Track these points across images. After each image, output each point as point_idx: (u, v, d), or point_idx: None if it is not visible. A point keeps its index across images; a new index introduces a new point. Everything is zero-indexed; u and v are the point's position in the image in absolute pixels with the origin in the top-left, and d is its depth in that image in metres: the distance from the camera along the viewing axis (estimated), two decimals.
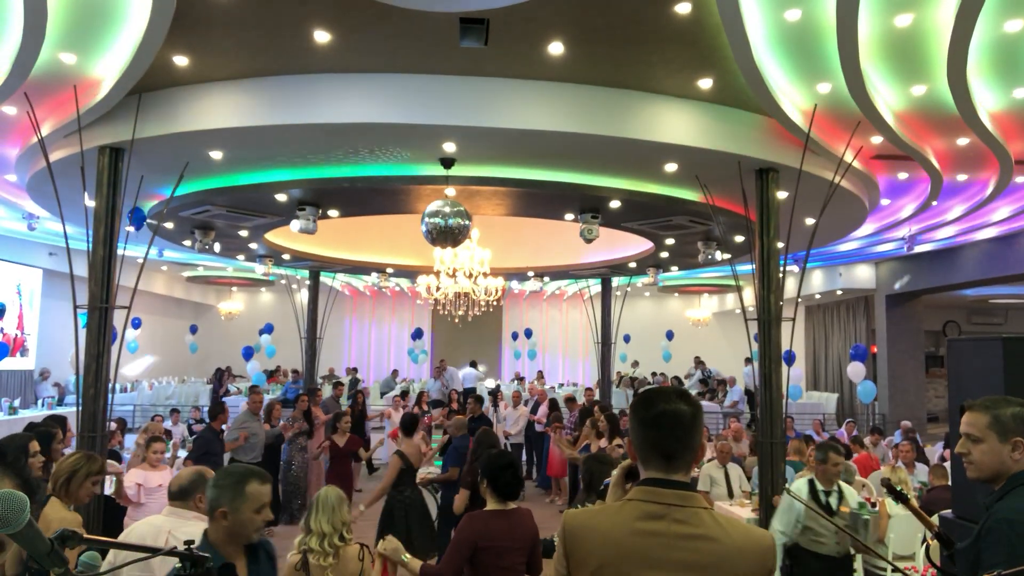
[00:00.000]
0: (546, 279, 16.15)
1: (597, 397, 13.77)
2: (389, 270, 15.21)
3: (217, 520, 2.33)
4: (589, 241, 8.81)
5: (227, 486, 2.35)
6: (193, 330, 20.19)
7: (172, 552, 1.71)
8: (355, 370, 19.69)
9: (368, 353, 23.28)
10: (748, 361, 18.31)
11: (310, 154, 7.19)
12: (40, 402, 13.51)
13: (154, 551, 1.67)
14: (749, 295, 8.29)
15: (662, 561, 1.65)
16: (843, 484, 4.95)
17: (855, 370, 12.88)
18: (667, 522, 1.67)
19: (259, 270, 13.90)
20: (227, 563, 2.27)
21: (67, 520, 3.31)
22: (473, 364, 18.43)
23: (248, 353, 16.61)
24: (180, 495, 3.17)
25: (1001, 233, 12.28)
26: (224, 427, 7.77)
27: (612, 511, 1.75)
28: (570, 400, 11.46)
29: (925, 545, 5.96)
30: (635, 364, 20.94)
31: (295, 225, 8.52)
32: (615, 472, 1.98)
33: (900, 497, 2.86)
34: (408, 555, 3.33)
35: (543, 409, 11.67)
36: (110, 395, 6.51)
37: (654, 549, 1.65)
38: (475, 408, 9.57)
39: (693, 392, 17.65)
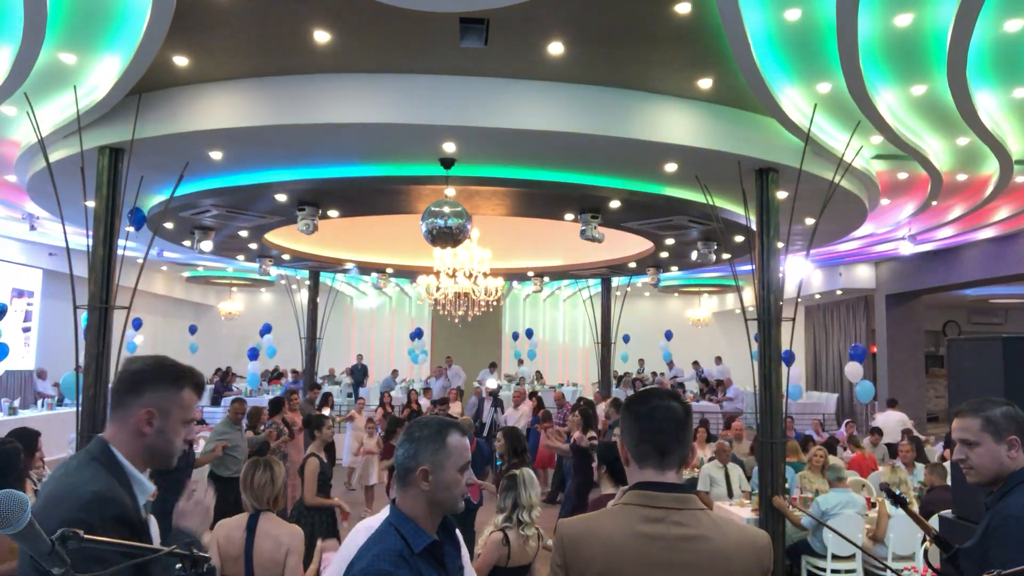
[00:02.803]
0: (546, 279, 16.15)
1: (593, 397, 13.81)
2: (389, 270, 15.20)
3: (415, 484, 1.88)
4: (599, 240, 8.78)
5: (426, 438, 1.91)
6: (192, 330, 20.19)
7: (172, 552, 1.71)
8: (360, 357, 19.39)
9: (368, 353, 23.27)
10: (698, 362, 18.91)
11: (310, 154, 7.19)
12: (40, 402, 13.50)
13: (155, 550, 1.67)
14: (749, 295, 8.29)
15: (664, 564, 1.66)
16: None
17: (853, 370, 12.88)
18: (666, 525, 1.69)
19: (273, 272, 13.90)
20: (435, 540, 1.89)
21: (297, 533, 3.36)
22: (492, 366, 18.59)
23: (253, 354, 16.61)
24: None
25: (1001, 233, 12.28)
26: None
27: (609, 517, 1.76)
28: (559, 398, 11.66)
29: (924, 548, 5.96)
30: (641, 362, 20.97)
31: (308, 226, 8.50)
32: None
33: (899, 501, 2.87)
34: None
35: (524, 407, 11.78)
36: (110, 395, 6.50)
37: (656, 552, 1.67)
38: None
39: (692, 392, 17.78)
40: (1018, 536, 2.00)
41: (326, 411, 10.40)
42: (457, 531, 2.09)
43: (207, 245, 10.30)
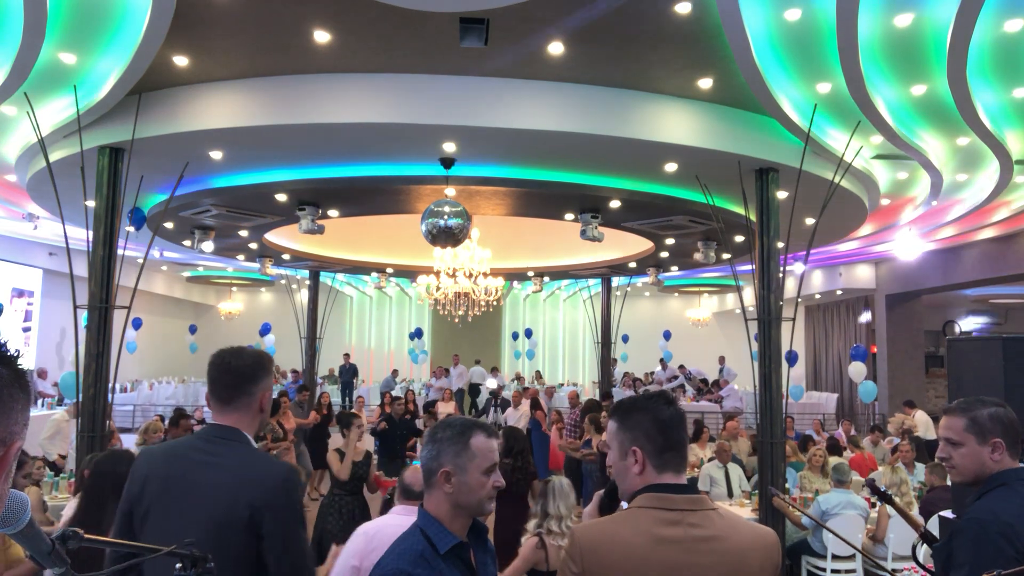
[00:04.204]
0: (546, 279, 16.17)
1: (595, 396, 13.83)
2: (389, 270, 15.21)
3: (438, 486, 1.86)
4: (598, 240, 8.79)
5: (448, 439, 1.88)
6: (192, 330, 20.20)
7: (172, 552, 1.71)
8: (347, 357, 18.75)
9: (368, 353, 23.28)
10: (684, 365, 19.00)
11: (310, 154, 7.20)
12: (40, 402, 13.50)
13: (155, 550, 1.67)
14: (749, 295, 8.29)
15: (685, 566, 1.65)
16: None
17: (856, 370, 12.88)
18: (684, 527, 1.68)
19: (272, 272, 13.89)
20: (461, 542, 1.85)
21: None
22: (477, 362, 18.52)
23: None
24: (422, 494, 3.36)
25: (1001, 233, 12.28)
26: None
27: (626, 521, 1.72)
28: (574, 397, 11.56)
29: (913, 545, 5.97)
30: (613, 361, 20.72)
31: (302, 226, 8.51)
32: (596, 500, 1.97)
33: (884, 497, 2.88)
34: None
35: (524, 407, 11.76)
36: (109, 395, 6.51)
37: (676, 555, 1.66)
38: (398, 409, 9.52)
39: (691, 392, 17.80)
40: (979, 538, 2.01)
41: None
42: (490, 538, 2.04)
43: (208, 245, 10.29)
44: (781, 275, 7.08)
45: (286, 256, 13.08)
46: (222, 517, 2.03)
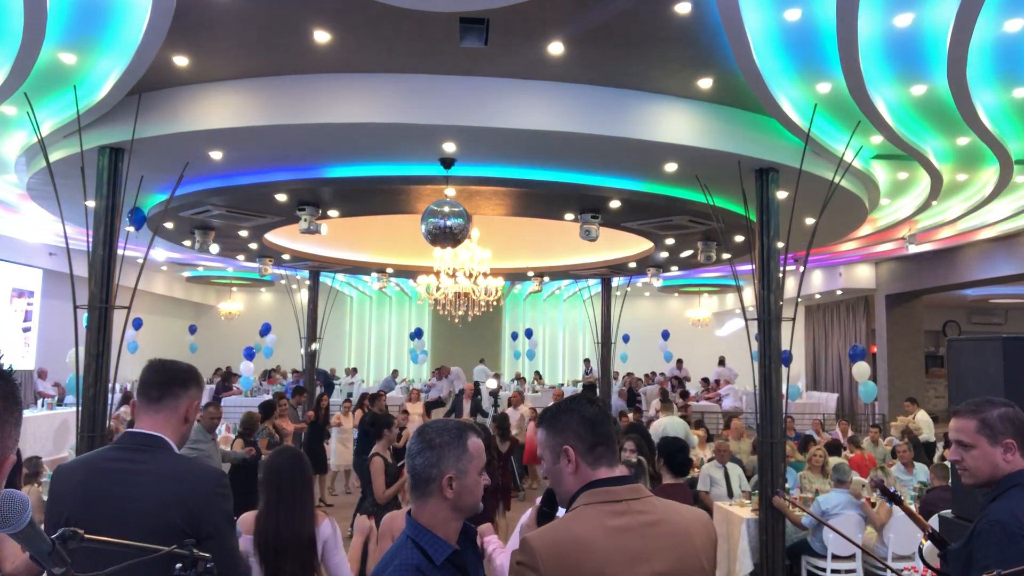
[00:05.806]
0: (546, 279, 16.17)
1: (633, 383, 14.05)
2: (389, 270, 15.21)
3: (439, 492, 1.81)
4: (593, 239, 8.80)
5: (448, 444, 1.84)
6: (192, 330, 20.19)
7: (172, 552, 1.71)
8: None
9: (368, 353, 23.27)
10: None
11: (310, 154, 7.20)
12: (40, 402, 13.50)
13: (155, 550, 1.67)
14: (749, 295, 8.29)
15: (642, 553, 1.68)
16: None
17: (860, 370, 12.85)
18: (631, 515, 1.72)
19: (271, 272, 13.87)
20: (456, 550, 1.83)
21: None
22: (481, 361, 18.52)
23: (250, 354, 16.57)
24: None
25: (1001, 233, 12.28)
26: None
27: (576, 520, 1.73)
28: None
29: (919, 546, 5.97)
30: (587, 362, 20.60)
31: (302, 226, 8.51)
32: (533, 510, 1.98)
33: (893, 498, 2.88)
34: None
35: (523, 408, 11.94)
36: (109, 395, 6.51)
37: (632, 543, 1.69)
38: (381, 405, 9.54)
39: (693, 391, 17.80)
40: (1000, 540, 2.00)
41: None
42: (478, 535, 2.04)
43: (214, 247, 10.25)
44: (781, 275, 7.08)
45: (286, 256, 13.07)
46: (153, 527, 1.99)
